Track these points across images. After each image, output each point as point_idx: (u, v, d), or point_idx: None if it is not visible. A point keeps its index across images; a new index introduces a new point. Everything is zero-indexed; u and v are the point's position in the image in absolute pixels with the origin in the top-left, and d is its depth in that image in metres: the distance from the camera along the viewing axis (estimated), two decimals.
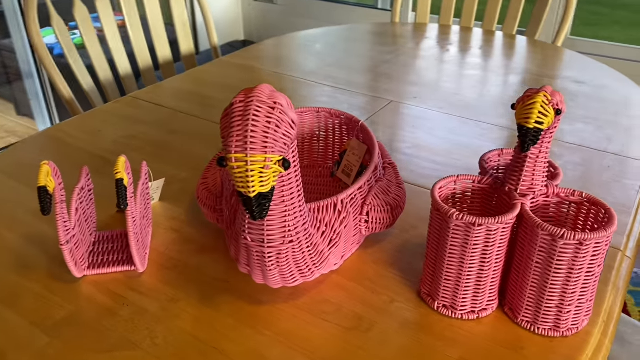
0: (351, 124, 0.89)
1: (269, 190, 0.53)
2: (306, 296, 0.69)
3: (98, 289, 0.70)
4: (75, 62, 1.40)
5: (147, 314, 0.67)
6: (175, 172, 0.95)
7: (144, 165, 0.77)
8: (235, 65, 1.47)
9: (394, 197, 0.75)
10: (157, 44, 1.58)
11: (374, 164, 0.75)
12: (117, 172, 0.63)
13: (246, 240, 0.61)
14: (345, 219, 0.68)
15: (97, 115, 1.17)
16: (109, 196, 0.89)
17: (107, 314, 0.67)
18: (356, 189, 0.70)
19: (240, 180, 0.52)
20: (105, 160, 0.99)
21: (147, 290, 0.70)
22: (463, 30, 1.74)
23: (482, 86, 1.32)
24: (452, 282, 0.64)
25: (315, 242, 0.64)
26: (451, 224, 0.60)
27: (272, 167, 0.53)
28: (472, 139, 1.08)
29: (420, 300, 0.69)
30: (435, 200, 0.62)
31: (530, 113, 0.57)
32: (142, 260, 0.72)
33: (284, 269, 0.63)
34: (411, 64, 1.46)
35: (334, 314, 0.67)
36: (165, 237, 0.80)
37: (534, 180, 0.63)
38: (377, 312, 0.67)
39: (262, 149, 0.52)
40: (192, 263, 0.75)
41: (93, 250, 0.76)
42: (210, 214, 0.75)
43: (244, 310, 0.67)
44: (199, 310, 0.67)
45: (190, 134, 1.09)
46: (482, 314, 0.66)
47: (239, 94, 0.54)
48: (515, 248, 0.63)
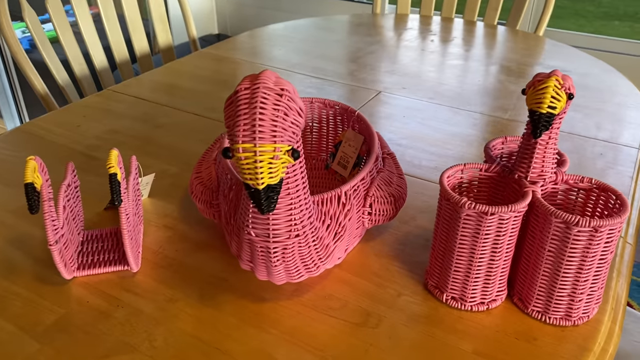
0: (346, 114, 0.87)
1: (277, 182, 0.51)
2: (310, 292, 0.67)
3: (90, 291, 0.67)
4: (49, 55, 1.34)
5: (143, 315, 0.63)
6: (165, 167, 0.92)
7: (134, 160, 0.74)
8: (215, 57, 1.43)
9: (396, 188, 0.73)
10: (134, 37, 1.53)
11: (374, 154, 0.73)
12: (110, 167, 0.59)
13: (250, 235, 0.58)
14: (349, 212, 0.66)
15: (75, 110, 1.12)
16: (94, 193, 0.85)
17: (101, 317, 0.63)
18: (359, 181, 0.68)
19: (249, 172, 0.49)
20: (87, 157, 0.95)
21: (143, 290, 0.67)
22: (444, 20, 1.73)
23: (468, 76, 1.31)
24: (461, 273, 0.62)
25: (320, 236, 0.61)
26: (462, 214, 0.58)
27: (282, 158, 0.50)
28: (464, 128, 1.07)
29: (428, 292, 0.67)
30: (445, 190, 0.60)
31: (542, 98, 0.56)
32: (135, 259, 0.68)
33: (290, 265, 0.60)
34: (396, 55, 1.44)
35: (340, 309, 0.65)
36: (158, 234, 0.76)
37: (544, 167, 0.61)
38: (385, 307, 0.65)
39: (271, 138, 0.49)
40: (188, 261, 0.71)
41: (82, 250, 0.72)
42: (205, 209, 0.72)
43: (247, 309, 0.64)
44: (198, 310, 0.64)
45: (177, 128, 1.05)
46: (491, 305, 0.64)
47: (243, 80, 0.51)
48: (526, 237, 0.62)
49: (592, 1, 4.68)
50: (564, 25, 4.33)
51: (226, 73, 1.33)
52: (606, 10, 4.51)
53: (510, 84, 1.26)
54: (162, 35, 1.61)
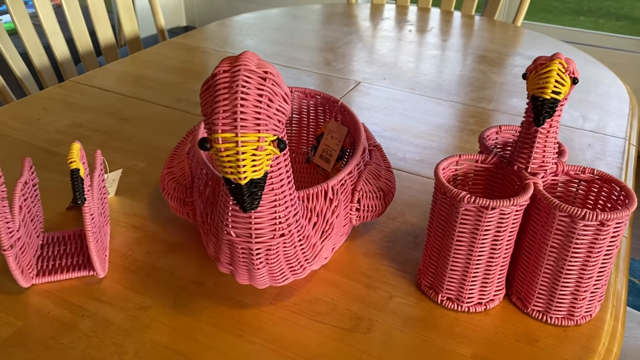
0: (328, 104, 0.82)
1: (262, 176, 0.45)
2: (295, 296, 0.62)
3: (51, 300, 0.60)
4: (5, 46, 1.25)
5: (112, 326, 0.57)
6: (132, 163, 0.85)
7: (99, 155, 0.67)
8: (184, 46, 1.36)
9: (384, 182, 0.68)
10: (98, 28, 1.45)
11: (361, 146, 0.68)
12: (71, 161, 0.53)
13: (229, 235, 0.52)
14: (337, 208, 0.61)
15: (35, 102, 1.04)
16: (55, 192, 0.78)
17: (63, 329, 0.57)
18: (346, 175, 0.63)
19: (229, 165, 0.44)
20: (47, 152, 0.88)
21: (110, 298, 0.61)
22: (421, 10, 1.70)
23: (449, 66, 1.27)
24: (458, 272, 0.58)
25: (307, 235, 0.56)
26: (460, 209, 0.54)
27: (267, 149, 0.45)
28: (448, 119, 1.03)
29: (421, 293, 0.62)
30: (442, 183, 0.55)
31: (546, 82, 0.52)
32: (102, 263, 0.62)
33: (274, 267, 0.55)
34: (374, 45, 1.39)
35: (329, 314, 0.60)
36: (126, 236, 0.70)
37: (545, 157, 0.57)
38: (376, 310, 0.60)
39: (255, 127, 0.44)
40: (160, 264, 0.65)
41: (42, 255, 0.65)
42: (178, 207, 0.66)
43: (226, 316, 0.59)
44: (173, 318, 0.58)
45: (145, 121, 0.99)
46: (489, 305, 0.60)
47: (221, 63, 0.46)
48: (526, 232, 0.58)
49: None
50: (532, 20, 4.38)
51: (196, 63, 1.26)
52: (571, 6, 4.57)
53: (492, 74, 1.22)
54: (128, 25, 1.53)
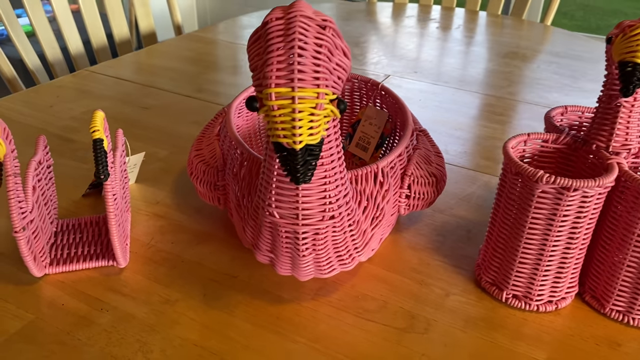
0: (366, 88, 0.75)
1: (318, 142, 0.39)
2: (339, 291, 0.55)
3: (65, 292, 0.53)
4: (18, 38, 1.20)
5: (135, 320, 0.50)
6: (153, 150, 0.79)
7: (120, 134, 0.61)
8: (201, 39, 1.30)
9: (436, 167, 0.61)
10: (113, 22, 1.40)
11: (409, 127, 0.61)
12: (94, 130, 0.47)
13: (272, 217, 0.46)
14: (387, 192, 0.54)
15: (46, 90, 0.99)
16: (69, 178, 0.71)
17: (80, 323, 0.50)
18: (395, 156, 0.56)
19: (283, 127, 0.37)
20: (62, 139, 0.81)
21: (133, 290, 0.54)
22: (445, 9, 1.64)
23: (480, 61, 1.21)
24: (528, 265, 0.51)
25: (357, 220, 0.50)
26: (537, 190, 0.47)
27: (326, 108, 0.38)
28: (486, 112, 0.96)
29: (481, 291, 0.55)
30: (514, 162, 0.49)
31: (638, 45, 0.45)
32: (123, 251, 0.55)
33: (321, 254, 0.48)
34: (401, 40, 1.33)
35: (379, 312, 0.53)
36: (148, 224, 0.63)
37: (628, 135, 0.51)
38: (432, 308, 0.53)
39: (314, 80, 0.37)
40: (187, 255, 0.59)
41: (55, 243, 0.59)
42: (208, 192, 0.60)
43: (263, 312, 0.52)
44: (204, 313, 0.52)
45: (165, 109, 0.92)
46: (560, 304, 0.53)
47: (273, 11, 0.39)
48: (605, 221, 0.51)
49: (565, 14, 4.70)
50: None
51: (215, 54, 1.21)
52: (579, 24, 4.52)
53: (526, 70, 1.16)
54: (144, 21, 1.48)
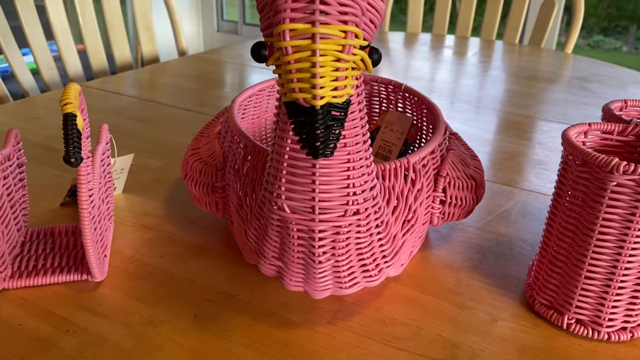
0: (387, 91, 0.67)
1: (344, 101, 0.30)
2: (361, 314, 0.45)
3: (26, 309, 0.44)
4: (13, 56, 1.13)
5: (107, 345, 0.40)
6: (146, 160, 0.70)
7: (105, 129, 0.53)
8: (206, 60, 1.24)
9: (474, 170, 0.52)
10: (115, 47, 1.34)
11: (442, 124, 0.52)
12: (66, 103, 0.38)
13: (282, 211, 0.36)
14: (419, 193, 0.45)
15: (37, 103, 0.91)
16: (48, 187, 0.63)
17: (38, 347, 0.40)
18: (428, 152, 0.47)
19: (299, 78, 0.29)
20: (45, 148, 0.73)
21: (108, 309, 0.44)
22: (459, 39, 1.58)
23: (499, 83, 1.13)
24: (597, 283, 0.41)
25: (386, 221, 0.40)
26: (610, 184, 0.38)
27: (357, 54, 0.29)
28: (513, 129, 0.87)
29: (536, 315, 0.45)
30: (579, 149, 0.39)
31: None
32: (99, 263, 0.46)
33: (341, 261, 0.39)
34: (415, 64, 1.27)
35: (411, 339, 0.42)
36: (133, 236, 0.54)
37: None
38: (478, 336, 0.43)
39: (340, 15, 0.29)
40: (177, 271, 0.49)
41: (21, 254, 0.49)
42: (204, 196, 0.50)
43: (268, 337, 0.42)
44: (195, 338, 0.41)
45: (162, 121, 0.84)
46: (637, 331, 0.43)
47: None
48: None
49: None
50: None
51: (219, 73, 1.14)
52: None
53: (550, 92, 1.08)
54: (147, 45, 1.42)
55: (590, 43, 4.40)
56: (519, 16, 1.57)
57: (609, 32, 4.12)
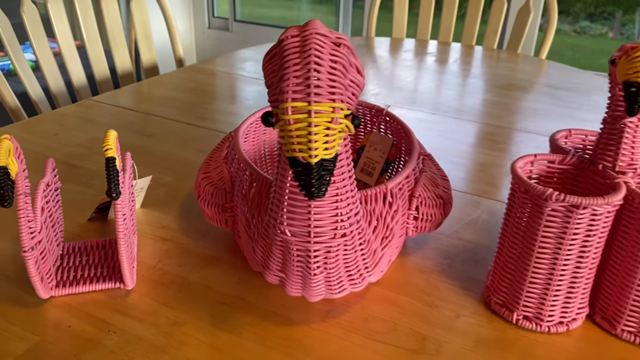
0: (370, 114, 0.76)
1: (333, 157, 0.39)
2: (348, 313, 0.54)
3: (72, 314, 0.53)
4: (23, 71, 1.21)
5: (142, 342, 0.50)
6: (158, 176, 0.79)
7: (128, 157, 0.61)
8: (204, 71, 1.32)
9: (443, 190, 0.62)
10: (116, 54, 1.42)
11: (416, 151, 0.62)
12: (107, 149, 0.47)
13: (284, 235, 0.46)
14: (396, 213, 0.54)
15: (50, 119, 0.99)
16: (75, 203, 0.71)
17: (86, 345, 0.49)
18: (403, 178, 0.57)
19: (299, 141, 0.38)
20: (67, 165, 0.82)
21: (140, 312, 0.53)
22: (442, 44, 1.67)
23: (478, 92, 1.23)
24: (539, 286, 0.51)
25: (368, 239, 0.50)
26: (546, 209, 0.48)
27: (342, 122, 0.39)
28: (488, 140, 0.97)
29: (491, 312, 0.55)
30: (523, 181, 0.49)
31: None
32: (131, 273, 0.55)
33: (332, 274, 0.48)
34: (399, 73, 1.36)
35: (389, 333, 0.52)
36: (154, 248, 0.63)
37: (633, 154, 0.51)
38: (443, 330, 0.53)
39: (330, 95, 0.38)
40: (194, 278, 0.58)
41: (61, 265, 0.58)
42: (216, 214, 0.59)
43: (272, 333, 0.51)
44: (212, 335, 0.51)
45: (169, 137, 0.93)
46: (571, 325, 0.53)
47: (288, 30, 0.40)
48: (614, 241, 0.51)
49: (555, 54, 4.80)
50: None
51: (219, 85, 1.22)
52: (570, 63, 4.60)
53: (521, 101, 1.18)
54: (146, 54, 1.50)
55: (576, 29, 4.45)
56: (498, 20, 1.66)
57: (595, 18, 4.13)
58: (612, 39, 4.38)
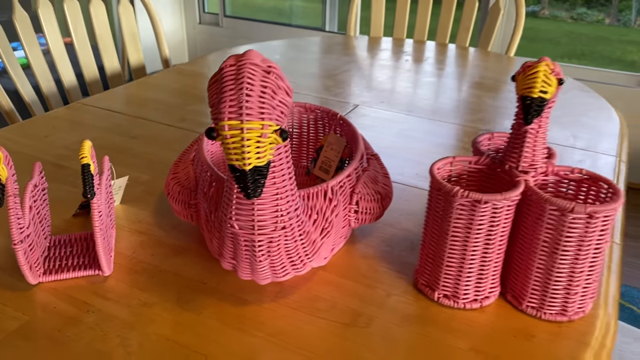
0: (327, 117, 0.85)
1: (265, 164, 0.48)
2: (295, 294, 0.63)
3: (57, 296, 0.62)
4: (15, 72, 1.29)
5: (116, 320, 0.59)
6: (137, 175, 0.88)
7: (106, 160, 0.70)
8: (187, 72, 1.41)
9: (382, 186, 0.70)
10: (105, 57, 1.50)
11: (359, 152, 0.71)
12: (82, 157, 0.55)
13: (233, 228, 0.54)
14: (336, 207, 0.63)
15: (42, 122, 1.08)
16: (62, 201, 0.80)
17: (69, 323, 0.58)
18: (345, 177, 0.65)
19: (235, 152, 0.47)
20: (56, 166, 0.90)
21: (115, 295, 0.62)
22: (417, 43, 1.75)
23: (445, 91, 1.31)
24: (454, 269, 0.60)
25: (307, 230, 0.58)
26: (455, 204, 0.56)
27: (270, 137, 0.47)
28: (445, 139, 1.06)
29: (418, 292, 0.64)
30: (437, 180, 0.58)
31: (533, 82, 0.55)
32: (107, 262, 0.64)
33: (275, 260, 0.57)
34: (372, 73, 1.44)
35: (329, 310, 0.61)
36: (130, 240, 0.72)
37: (534, 156, 0.60)
38: (375, 307, 0.62)
39: (259, 114, 0.47)
40: (163, 266, 0.67)
41: (48, 256, 0.67)
42: (182, 210, 0.68)
43: (229, 312, 0.60)
44: (177, 314, 0.60)
45: (151, 138, 1.02)
46: (484, 302, 0.62)
47: (228, 59, 0.49)
48: (518, 230, 0.60)
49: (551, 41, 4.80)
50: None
51: (198, 88, 1.30)
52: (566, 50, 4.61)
53: (487, 99, 1.26)
54: (134, 55, 1.58)
55: (573, 16, 4.46)
56: (470, 17, 1.74)
57: (592, 4, 4.11)
58: (608, 25, 4.37)
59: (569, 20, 4.43)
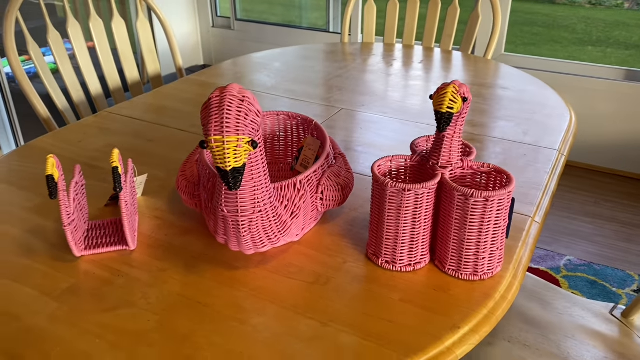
0: (306, 124, 1.04)
1: (241, 165, 0.68)
2: (274, 261, 0.83)
3: (95, 265, 0.83)
4: (50, 84, 1.51)
5: (140, 282, 0.79)
6: (155, 173, 1.08)
7: (130, 162, 0.90)
8: (199, 82, 1.61)
9: (344, 179, 0.90)
10: (126, 67, 1.71)
11: (326, 152, 0.90)
12: (112, 162, 0.76)
13: (223, 212, 0.74)
14: (303, 196, 0.83)
15: (75, 129, 1.29)
16: (96, 194, 1.01)
17: (105, 283, 0.79)
18: (311, 172, 0.85)
19: (219, 157, 0.67)
20: (89, 166, 1.11)
21: (139, 264, 0.83)
22: (405, 47, 1.93)
23: (422, 94, 1.49)
24: (391, 241, 0.79)
25: (279, 213, 0.78)
26: (387, 192, 0.76)
27: (244, 146, 0.67)
28: (412, 137, 1.24)
29: (368, 260, 0.83)
30: (375, 174, 0.77)
31: (443, 100, 0.74)
32: (133, 239, 0.85)
33: (255, 235, 0.77)
34: (360, 77, 1.63)
35: (298, 273, 0.81)
36: (150, 224, 0.92)
37: (450, 155, 0.79)
38: (333, 270, 0.81)
39: (235, 131, 0.66)
40: (175, 243, 0.88)
41: (88, 236, 0.88)
42: (188, 200, 0.89)
43: (223, 275, 0.81)
44: (184, 277, 0.80)
45: (165, 142, 1.22)
46: (417, 266, 0.81)
47: (214, 91, 0.69)
48: (439, 211, 0.79)
49: (566, 28, 4.88)
50: (539, 52, 4.54)
51: (205, 96, 1.50)
52: (580, 37, 4.68)
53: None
54: (151, 65, 1.79)
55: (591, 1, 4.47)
56: (452, 24, 1.92)
57: None
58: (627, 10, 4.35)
59: (587, 5, 4.42)
